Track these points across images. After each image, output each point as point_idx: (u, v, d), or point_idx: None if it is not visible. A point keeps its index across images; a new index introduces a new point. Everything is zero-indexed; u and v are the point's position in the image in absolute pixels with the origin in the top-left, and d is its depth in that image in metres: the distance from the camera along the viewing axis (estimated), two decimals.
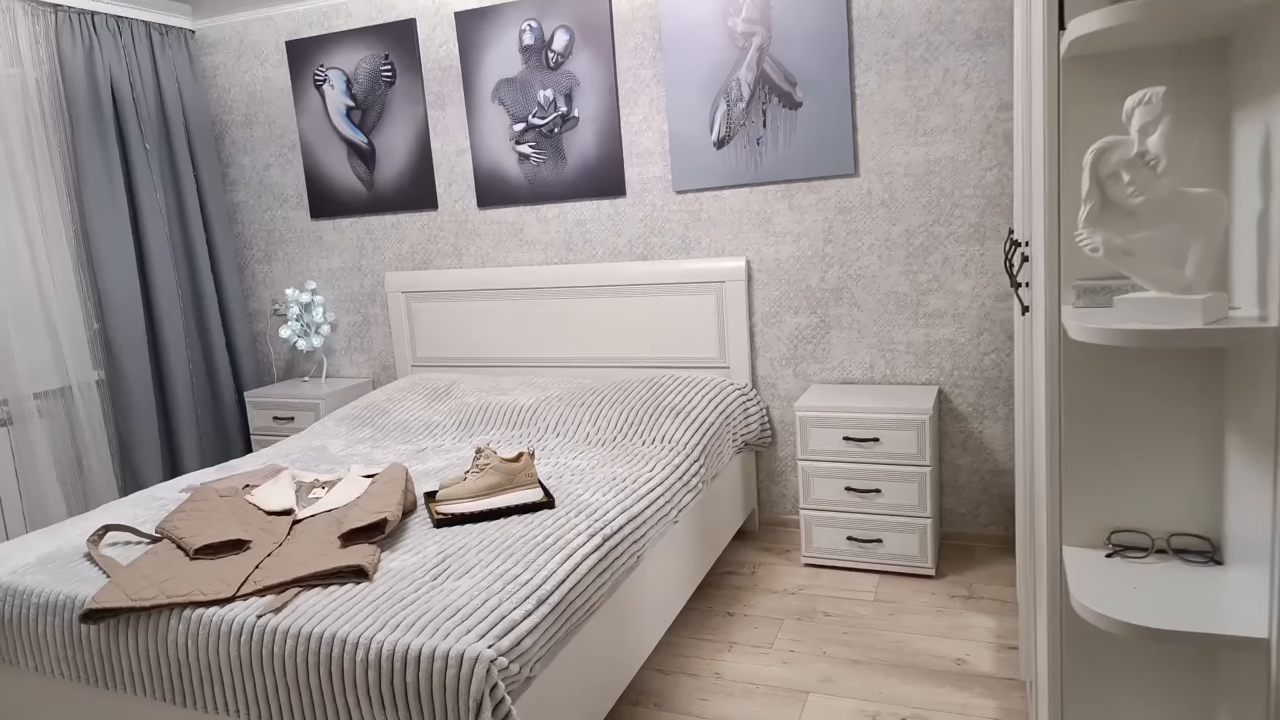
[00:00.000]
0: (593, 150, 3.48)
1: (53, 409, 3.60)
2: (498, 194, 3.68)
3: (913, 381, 3.19)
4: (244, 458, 3.05)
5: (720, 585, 3.04)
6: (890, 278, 3.15)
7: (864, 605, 2.83)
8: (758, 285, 3.34)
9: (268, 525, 2.30)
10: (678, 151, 3.34)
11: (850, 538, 3.02)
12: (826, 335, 3.27)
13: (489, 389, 3.48)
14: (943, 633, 2.62)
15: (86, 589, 2.03)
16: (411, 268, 3.95)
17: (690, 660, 2.57)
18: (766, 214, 3.27)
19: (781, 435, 3.42)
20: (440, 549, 2.09)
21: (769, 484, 3.47)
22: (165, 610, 1.91)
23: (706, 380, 3.23)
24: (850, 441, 2.96)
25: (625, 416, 2.99)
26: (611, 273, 3.50)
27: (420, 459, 2.90)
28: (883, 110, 3.06)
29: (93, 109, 3.58)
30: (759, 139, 3.21)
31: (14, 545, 2.34)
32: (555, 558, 2.03)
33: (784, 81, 3.13)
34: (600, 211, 3.54)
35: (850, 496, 3.00)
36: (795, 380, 3.35)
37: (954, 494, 3.21)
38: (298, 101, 3.96)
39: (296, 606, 1.86)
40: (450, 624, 1.74)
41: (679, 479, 2.64)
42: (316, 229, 4.10)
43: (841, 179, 3.15)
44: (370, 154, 3.87)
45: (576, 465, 2.68)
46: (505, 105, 3.58)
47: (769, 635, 2.68)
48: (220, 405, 4.12)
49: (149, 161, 3.80)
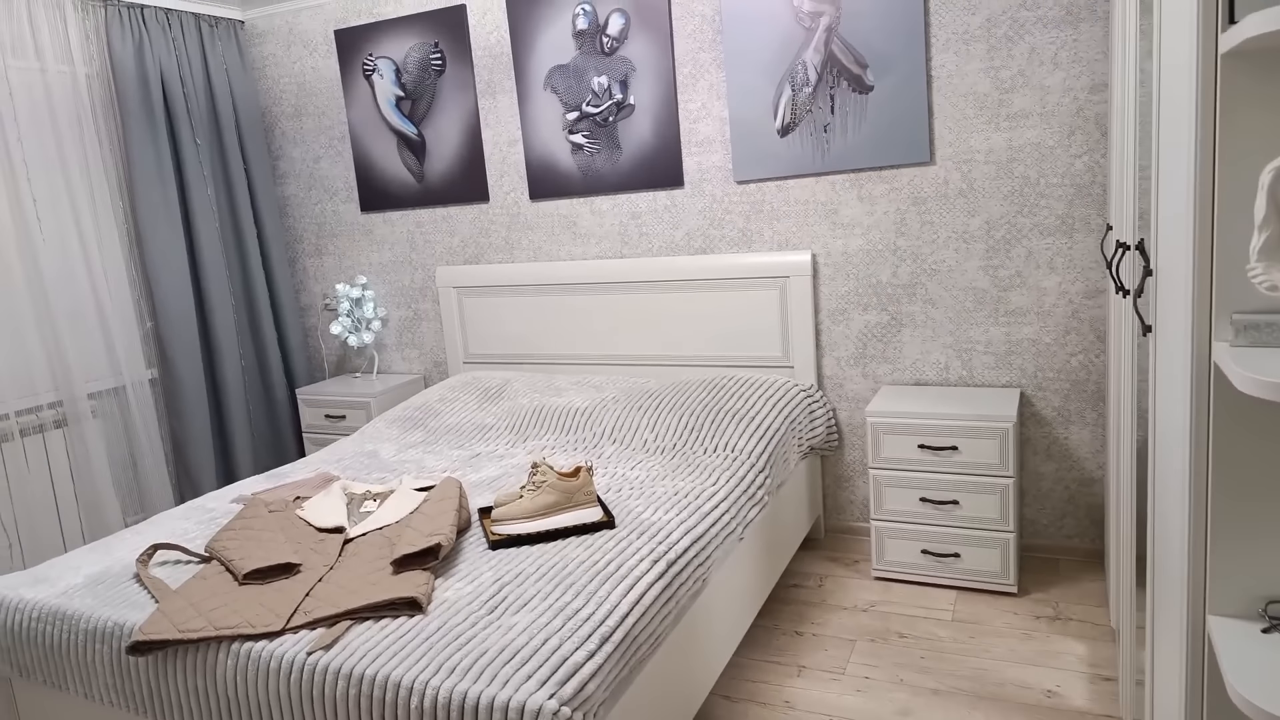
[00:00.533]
0: (649, 139, 3.31)
1: (107, 409, 3.58)
2: (550, 185, 3.54)
3: (992, 384, 2.99)
4: (295, 464, 2.98)
5: (787, 599, 2.90)
6: (968, 273, 2.94)
7: (942, 625, 2.66)
8: (824, 280, 3.16)
9: (318, 545, 2.22)
10: (739, 139, 3.16)
11: (925, 551, 2.85)
12: (898, 334, 3.08)
13: (543, 389, 3.36)
14: (1029, 659, 2.45)
15: (135, 616, 1.96)
16: (462, 262, 3.84)
17: (758, 686, 2.44)
18: (834, 205, 3.08)
19: (849, 438, 3.25)
20: (496, 576, 1.98)
21: (835, 489, 3.31)
22: (214, 643, 1.83)
23: (770, 382, 3.07)
24: (926, 450, 2.79)
25: (685, 422, 2.85)
26: (669, 267, 3.34)
27: (473, 466, 2.80)
28: (961, 93, 2.84)
29: (143, 104, 3.51)
30: (826, 125, 3.01)
31: (63, 564, 2.29)
32: (617, 588, 1.90)
33: (854, 64, 2.93)
34: (657, 203, 3.38)
35: (925, 508, 2.83)
36: (864, 381, 3.17)
37: (1036, 503, 3.02)
38: (347, 92, 3.86)
39: (347, 643, 1.76)
40: (509, 668, 1.63)
41: (744, 492, 2.50)
42: (367, 222, 4.01)
43: (915, 167, 2.95)
44: (420, 145, 3.76)
45: (635, 477, 2.55)
46: (558, 93, 3.43)
47: (841, 659, 2.54)
48: (272, 402, 4.08)
49: (199, 156, 3.74)
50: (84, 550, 2.39)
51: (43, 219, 3.32)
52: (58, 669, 2.04)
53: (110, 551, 2.34)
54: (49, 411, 3.35)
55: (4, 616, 2.10)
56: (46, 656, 2.04)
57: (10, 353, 3.24)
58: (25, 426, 3.28)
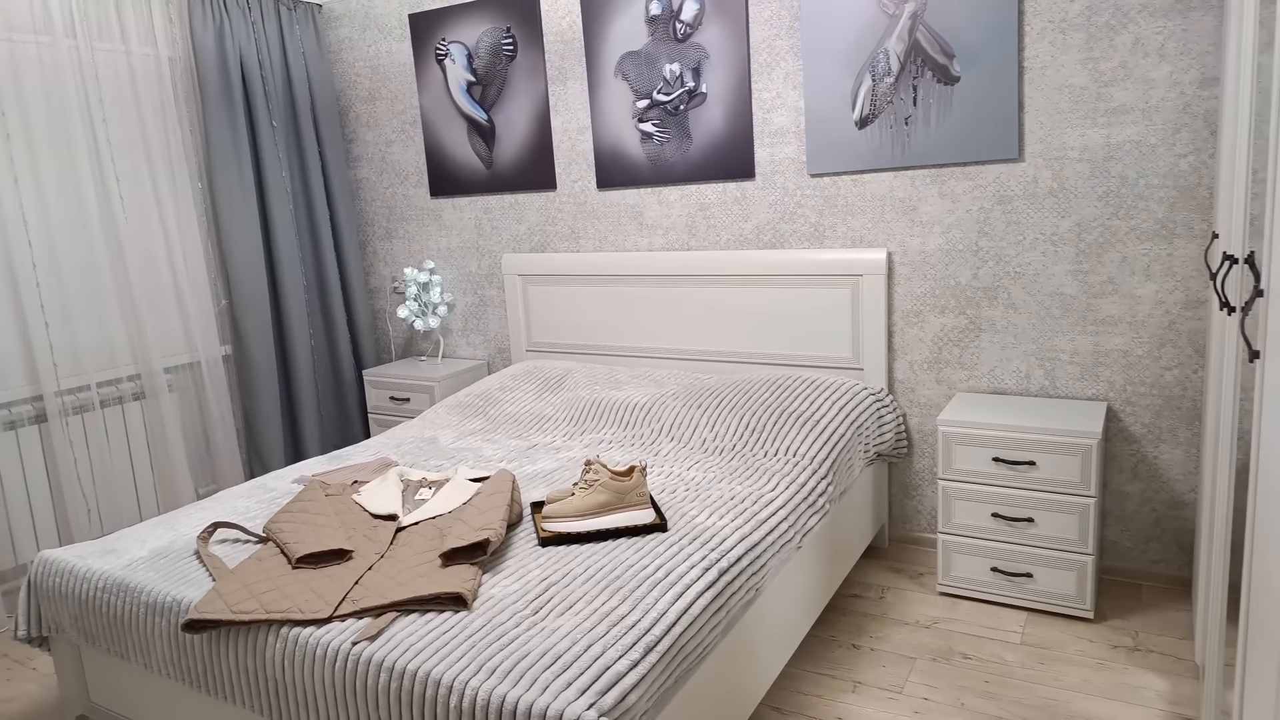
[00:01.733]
0: (720, 129, 3.22)
1: (182, 384, 3.68)
2: (618, 174, 3.48)
3: (1076, 396, 2.83)
4: (355, 447, 3.01)
5: (845, 610, 2.80)
6: (1055, 277, 2.78)
7: (1010, 649, 2.53)
8: (899, 280, 3.03)
9: (371, 532, 2.22)
10: (814, 131, 3.04)
11: (995, 569, 2.72)
12: (976, 339, 2.94)
13: (603, 381, 3.32)
14: (1104, 692, 2.30)
15: (192, 593, 1.99)
16: (529, 249, 3.81)
17: (810, 699, 2.35)
18: (912, 201, 2.95)
19: (919, 445, 3.12)
20: (544, 575, 1.95)
21: (902, 498, 3.19)
22: (264, 626, 1.84)
23: (837, 384, 2.96)
24: (1001, 463, 2.65)
25: (747, 423, 2.77)
26: (736, 261, 3.25)
27: (529, 458, 2.77)
28: (1056, 86, 2.68)
29: (223, 88, 3.57)
30: (907, 117, 2.88)
31: (130, 536, 2.35)
32: (666, 595, 1.85)
33: (940, 53, 2.79)
34: (726, 195, 3.29)
35: (997, 524, 2.69)
36: (937, 387, 3.04)
37: (1119, 525, 2.85)
38: (419, 76, 3.86)
39: (392, 635, 1.75)
40: (549, 674, 1.59)
41: (804, 500, 2.41)
42: (436, 207, 4.02)
43: (1002, 164, 2.79)
44: (490, 131, 3.74)
45: (691, 478, 2.49)
46: (629, 80, 3.36)
47: (899, 677, 2.43)
48: (340, 382, 4.13)
49: (275, 139, 3.79)
50: (151, 524, 2.44)
51: (125, 199, 3.41)
52: (120, 639, 2.09)
53: (174, 526, 2.39)
54: (128, 384, 3.45)
55: (74, 585, 2.16)
56: (110, 626, 2.09)
57: (93, 327, 3.34)
58: (106, 398, 3.39)
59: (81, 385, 3.29)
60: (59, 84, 3.17)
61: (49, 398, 3.15)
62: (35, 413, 3.17)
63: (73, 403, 3.27)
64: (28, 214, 3.11)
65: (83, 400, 3.29)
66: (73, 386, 3.27)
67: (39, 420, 3.18)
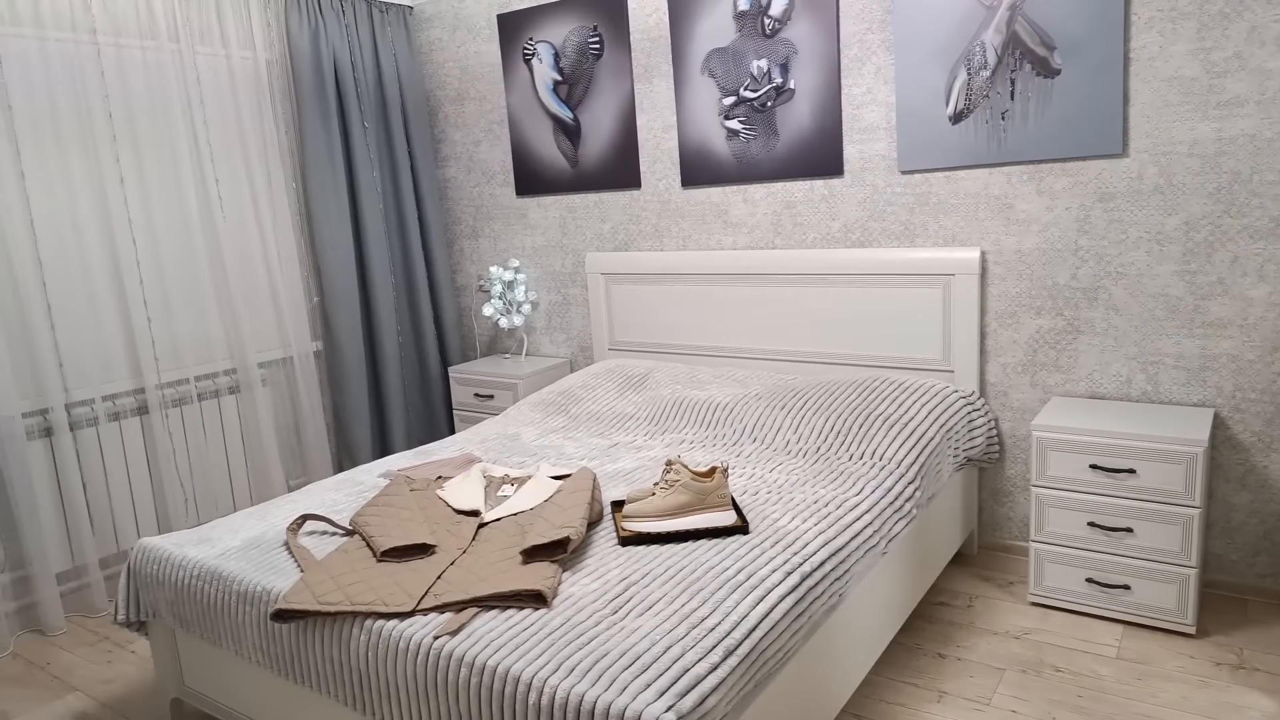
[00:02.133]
0: (808, 125, 3.16)
1: (275, 378, 3.80)
2: (703, 173, 3.45)
3: (1180, 401, 2.69)
4: (440, 442, 3.06)
5: (931, 618, 2.72)
6: (1160, 278, 2.65)
7: (1104, 663, 2.42)
8: (993, 280, 2.93)
9: (454, 527, 2.25)
10: (906, 127, 2.97)
11: (1090, 580, 2.61)
12: (1074, 341, 2.82)
13: (685, 381, 3.30)
14: (1205, 710, 2.18)
15: (281, 583, 2.04)
16: (612, 248, 3.82)
17: (894, 709, 2.29)
18: (1008, 199, 2.85)
19: (1011, 451, 3.01)
20: (624, 575, 1.94)
21: (992, 504, 3.08)
22: (349, 618, 1.88)
23: (926, 386, 2.88)
24: (1098, 470, 2.53)
25: (832, 425, 2.72)
26: (823, 260, 3.19)
27: (610, 456, 2.77)
28: (1164, 78, 2.54)
29: (317, 90, 3.68)
30: (1004, 112, 2.78)
31: (224, 526, 2.43)
32: (747, 598, 1.82)
33: (1040, 45, 2.68)
34: (813, 193, 3.24)
35: (1094, 533, 2.58)
36: (1032, 390, 2.92)
37: (1224, 537, 2.70)
38: (507, 76, 3.91)
39: (473, 630, 1.77)
40: (628, 674, 1.58)
41: (890, 504, 2.35)
42: (521, 206, 4.06)
43: (1105, 159, 2.67)
44: (575, 130, 3.76)
45: (774, 480, 2.45)
46: (715, 77, 3.33)
47: (987, 688, 2.35)
48: (427, 379, 4.22)
49: (367, 139, 3.88)
50: (244, 514, 2.52)
51: (224, 199, 3.54)
52: (213, 626, 2.16)
53: (266, 517, 2.46)
54: (224, 378, 3.58)
55: (171, 572, 2.24)
56: (204, 613, 2.17)
57: (192, 322, 3.48)
58: (203, 391, 3.52)
59: (180, 379, 3.43)
60: (163, 87, 3.31)
61: (150, 390, 3.30)
62: (137, 404, 3.32)
63: (172, 395, 3.41)
64: (133, 213, 3.26)
65: (181, 393, 3.43)
66: (172, 380, 3.41)
67: (141, 412, 3.33)
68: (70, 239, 3.10)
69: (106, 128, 3.16)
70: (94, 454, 3.18)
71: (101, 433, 3.20)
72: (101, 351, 3.21)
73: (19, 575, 3.04)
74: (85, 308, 3.15)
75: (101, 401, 3.20)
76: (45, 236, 3.04)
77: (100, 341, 3.20)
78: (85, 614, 3.15)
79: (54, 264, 3.07)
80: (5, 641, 2.92)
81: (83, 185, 3.12)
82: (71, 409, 3.13)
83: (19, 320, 2.98)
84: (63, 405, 3.05)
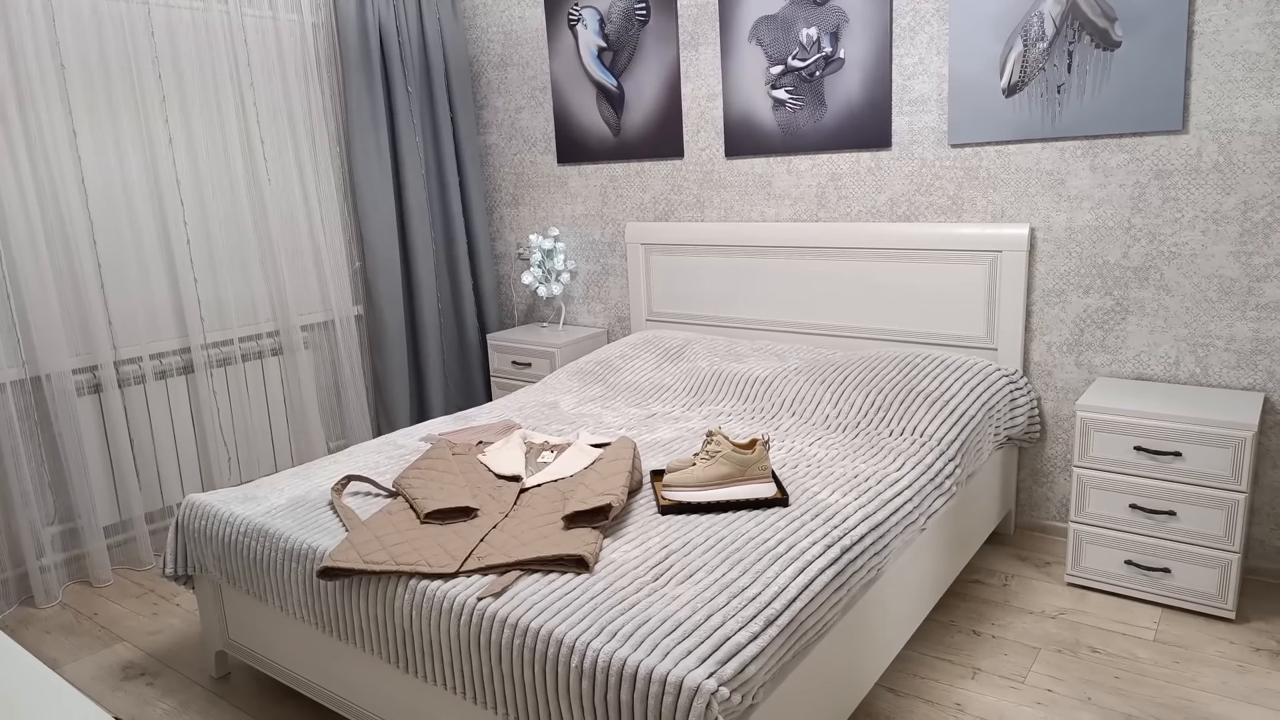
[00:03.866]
0: (857, 96, 3.12)
1: (317, 341, 3.84)
2: (747, 143, 3.42)
3: (1230, 385, 2.64)
4: (480, 408, 3.08)
5: (967, 596, 2.72)
6: (1215, 258, 2.59)
7: (1142, 645, 2.41)
8: (1041, 257, 2.88)
9: (495, 492, 2.27)
10: (957, 99, 2.91)
11: (1130, 562, 2.58)
12: (1122, 321, 2.77)
13: (723, 353, 3.29)
14: (1245, 696, 2.17)
15: (326, 541, 2.08)
16: (653, 218, 3.81)
17: (928, 684, 2.30)
18: (1060, 174, 2.79)
19: (1052, 430, 2.98)
20: (664, 543, 1.95)
21: (1031, 483, 3.06)
22: (393, 577, 1.91)
23: (969, 364, 2.85)
24: (1142, 453, 2.50)
25: (872, 400, 2.70)
26: (867, 234, 3.16)
27: (648, 426, 2.78)
28: (1229, 52, 2.47)
29: (362, 53, 3.68)
30: (1060, 85, 2.72)
31: (269, 484, 2.47)
32: (787, 570, 1.82)
33: (1100, 16, 2.61)
34: (860, 165, 3.19)
35: (1135, 516, 2.55)
36: (1076, 370, 2.88)
37: (1268, 522, 2.66)
38: (551, 42, 3.88)
39: (516, 592, 1.79)
40: (669, 640, 1.59)
41: (930, 481, 2.34)
42: (562, 174, 4.05)
43: (1163, 135, 2.61)
44: (619, 98, 3.73)
45: (813, 454, 2.44)
46: (763, 46, 3.29)
47: (1021, 666, 2.35)
48: (465, 345, 4.24)
49: (410, 105, 3.88)
50: (288, 474, 2.56)
51: (269, 161, 3.56)
52: (259, 582, 2.20)
53: (310, 477, 2.50)
54: (267, 340, 3.63)
55: (218, 528, 2.29)
56: (250, 569, 2.21)
57: (237, 284, 3.52)
58: (246, 352, 3.57)
59: (225, 339, 3.48)
60: (211, 49, 3.33)
61: (195, 350, 3.35)
62: (183, 364, 3.37)
63: (217, 355, 3.46)
64: (180, 174, 3.29)
65: (226, 354, 3.49)
66: (217, 340, 3.46)
67: (186, 371, 3.39)
68: (120, 199, 3.14)
69: (156, 89, 3.19)
70: (141, 411, 3.24)
71: (149, 390, 3.26)
72: (149, 311, 3.26)
73: (68, 527, 3.11)
74: (134, 267, 3.20)
75: (149, 360, 3.26)
76: (96, 196, 3.08)
77: (148, 301, 3.25)
78: (131, 567, 3.22)
79: (104, 224, 3.12)
80: (55, 591, 2.99)
81: (132, 146, 3.15)
82: (120, 366, 3.19)
83: (70, 279, 3.03)
84: (111, 363, 3.11)
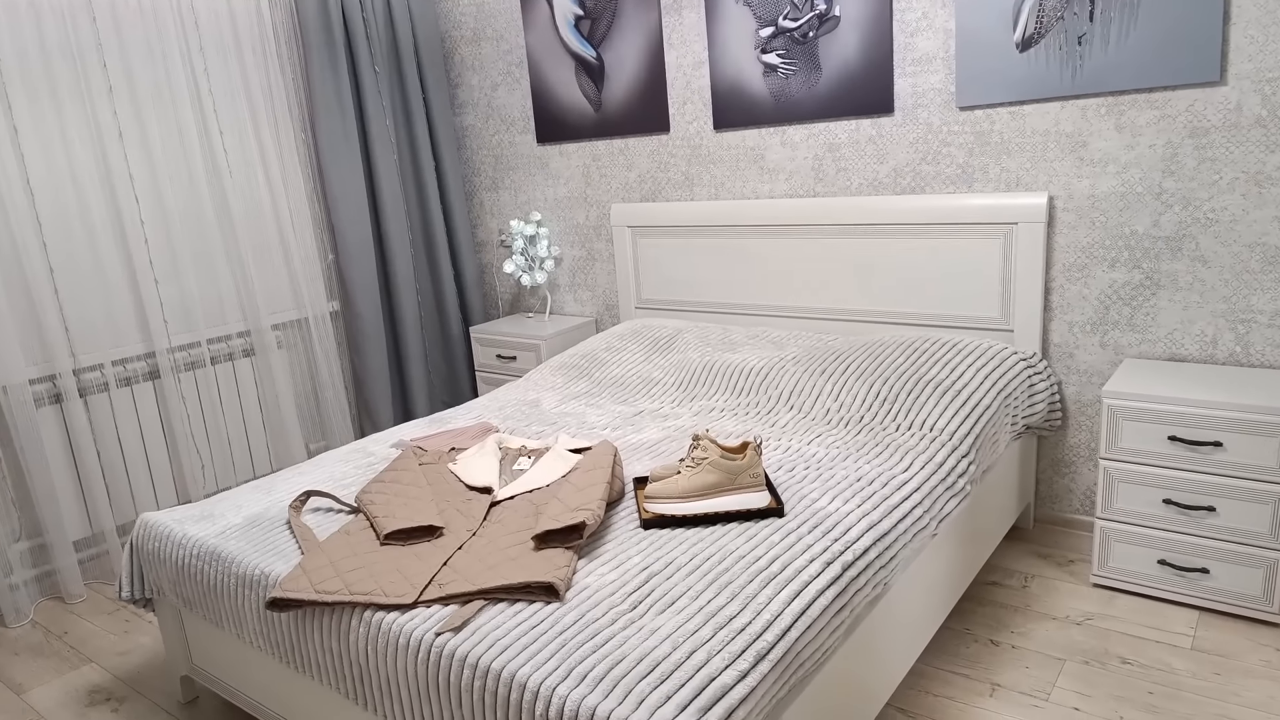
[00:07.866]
0: (855, 58, 2.87)
1: (291, 340, 3.65)
2: (737, 113, 3.18)
3: (1275, 365, 2.40)
4: (457, 409, 2.89)
5: (983, 600, 2.51)
6: (1258, 225, 2.34)
7: (1178, 654, 2.19)
8: (1061, 228, 2.65)
9: (464, 506, 2.08)
10: (966, 56, 2.66)
11: (1163, 562, 2.36)
12: (1153, 296, 2.53)
13: (716, 342, 3.08)
14: None
15: (280, 566, 1.90)
16: (639, 199, 3.58)
17: (942, 702, 2.09)
18: (1082, 136, 2.55)
19: (1074, 417, 2.75)
20: (644, 563, 1.75)
21: (1051, 475, 2.83)
22: (349, 608, 1.73)
23: (983, 348, 2.62)
24: (1178, 443, 2.27)
25: (877, 391, 2.48)
26: (870, 208, 2.93)
27: (635, 426, 2.58)
28: None
29: (324, 31, 3.45)
30: (1081, 36, 2.46)
31: (228, 501, 2.30)
32: (781, 593, 1.62)
33: None
34: (859, 133, 2.95)
35: (1169, 511, 2.33)
36: (1102, 352, 2.65)
37: None
38: (525, 12, 3.64)
39: (478, 626, 1.60)
40: (645, 685, 1.39)
41: (942, 481, 2.12)
42: (543, 155, 3.82)
43: (1197, 88, 2.35)
44: (599, 70, 3.50)
45: (812, 454, 2.23)
46: (751, 6, 3.04)
47: (1044, 680, 2.14)
48: (448, 339, 4.04)
49: (379, 86, 3.66)
50: (249, 488, 2.39)
51: (229, 151, 3.36)
52: (214, 608, 2.04)
53: (271, 491, 2.32)
54: (238, 340, 3.44)
55: (171, 550, 2.13)
56: (205, 594, 2.05)
57: (202, 283, 3.33)
58: (216, 355, 3.39)
59: (192, 342, 3.29)
60: (159, 31, 3.11)
61: (161, 354, 3.16)
62: (149, 369, 3.19)
63: (184, 359, 3.28)
64: (134, 168, 3.09)
65: (194, 356, 3.30)
66: (183, 343, 3.28)
67: (152, 377, 3.20)
68: (70, 198, 2.95)
69: (101, 78, 2.98)
70: (106, 420, 3.07)
71: (114, 398, 3.08)
72: (109, 315, 3.07)
73: (36, 543, 2.98)
74: (90, 269, 3.01)
75: (111, 366, 3.08)
76: (43, 196, 2.89)
77: (107, 304, 3.06)
78: (105, 581, 3.10)
79: (54, 224, 2.92)
80: (25, 610, 2.86)
81: (80, 141, 2.95)
82: (80, 375, 3.02)
83: (21, 284, 2.85)
84: (71, 371, 2.94)
